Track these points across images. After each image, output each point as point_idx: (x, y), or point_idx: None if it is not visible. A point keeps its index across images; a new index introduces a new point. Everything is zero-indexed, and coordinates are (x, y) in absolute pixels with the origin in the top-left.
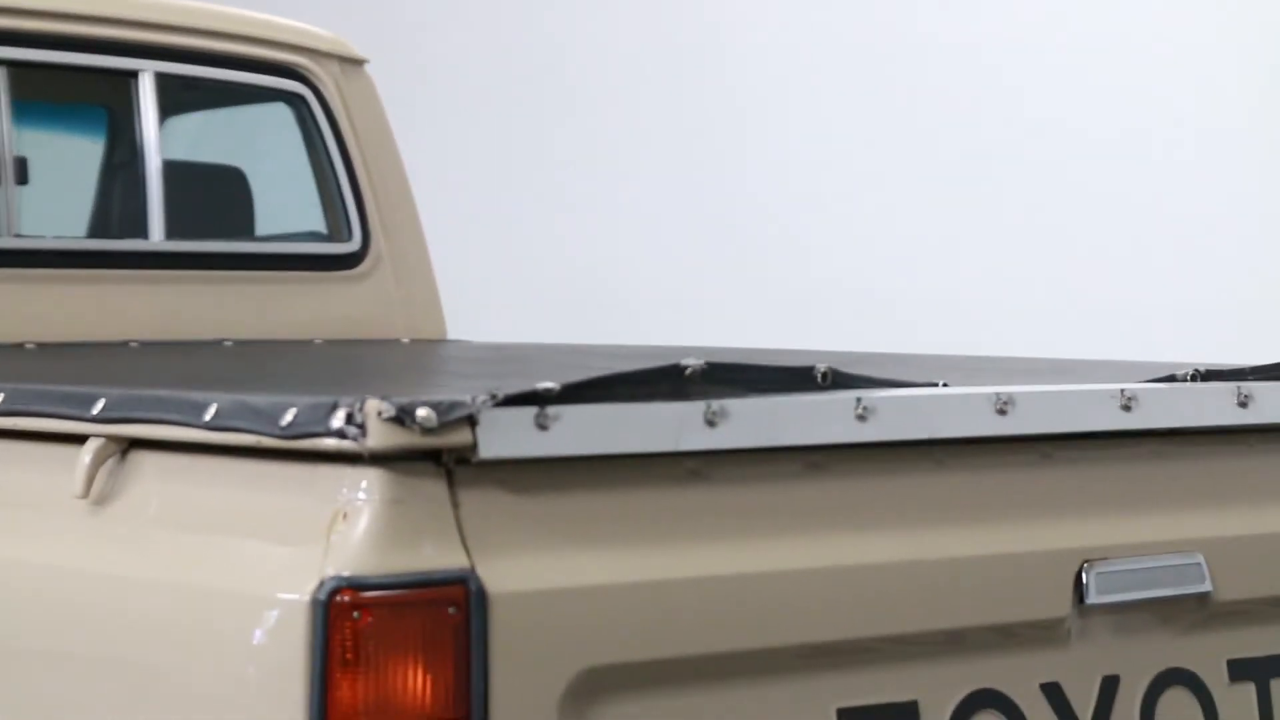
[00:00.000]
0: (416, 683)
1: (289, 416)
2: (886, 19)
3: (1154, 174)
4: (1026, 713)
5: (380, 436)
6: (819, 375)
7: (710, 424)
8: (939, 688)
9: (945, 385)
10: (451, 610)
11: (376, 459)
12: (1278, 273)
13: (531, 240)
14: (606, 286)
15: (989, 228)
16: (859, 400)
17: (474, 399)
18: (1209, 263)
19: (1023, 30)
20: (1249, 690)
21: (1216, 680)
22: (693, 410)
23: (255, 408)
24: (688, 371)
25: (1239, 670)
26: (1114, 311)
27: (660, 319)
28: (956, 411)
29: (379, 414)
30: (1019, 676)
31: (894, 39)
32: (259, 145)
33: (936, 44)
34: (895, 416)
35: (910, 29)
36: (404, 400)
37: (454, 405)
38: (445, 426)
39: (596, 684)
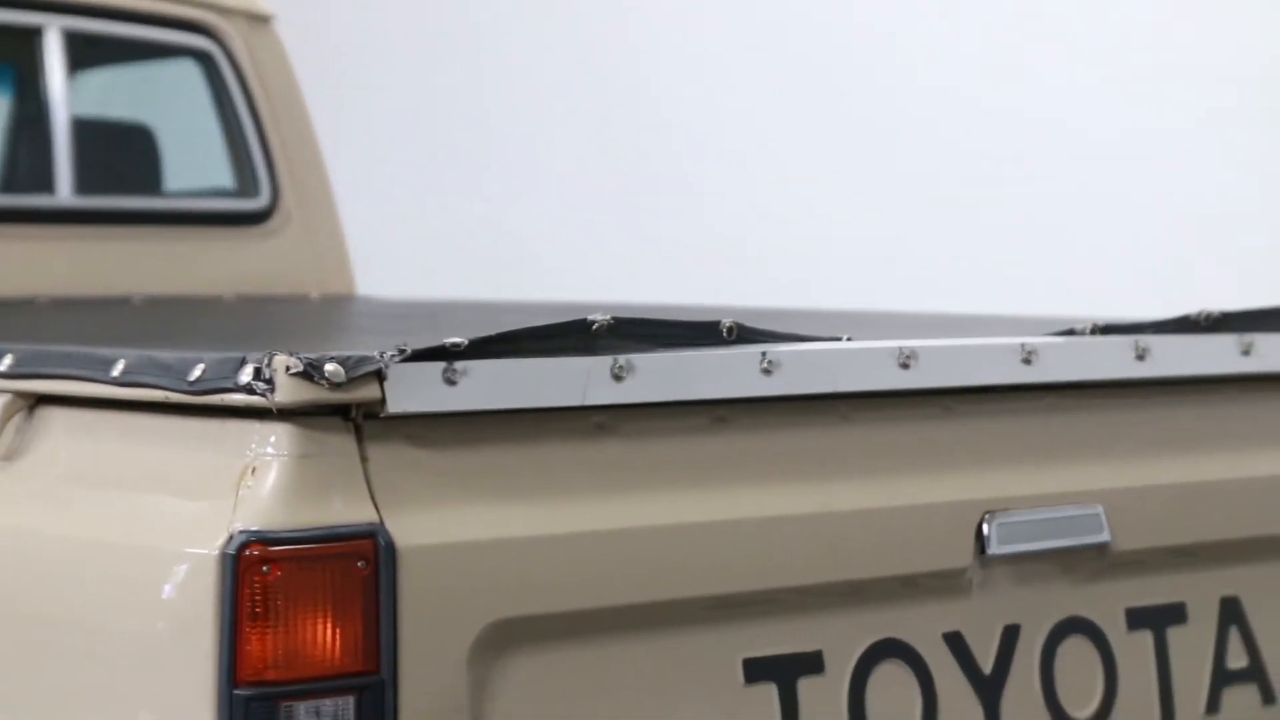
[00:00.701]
0: (325, 636)
1: (197, 372)
2: None
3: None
4: (929, 662)
5: (288, 392)
6: (724, 330)
7: (617, 378)
8: (843, 638)
9: (849, 340)
10: (360, 564)
11: (285, 414)
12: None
13: (441, 197)
14: (516, 244)
15: (893, 185)
16: (764, 355)
17: (382, 354)
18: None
19: None
20: (1146, 638)
21: (1115, 629)
22: (599, 365)
23: (164, 363)
24: (594, 326)
25: (1137, 619)
26: (1015, 267)
27: (569, 276)
28: (860, 365)
29: (287, 369)
30: (922, 626)
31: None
32: (167, 102)
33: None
34: (799, 370)
35: None
36: (312, 356)
37: (362, 360)
38: (353, 382)
39: (505, 636)
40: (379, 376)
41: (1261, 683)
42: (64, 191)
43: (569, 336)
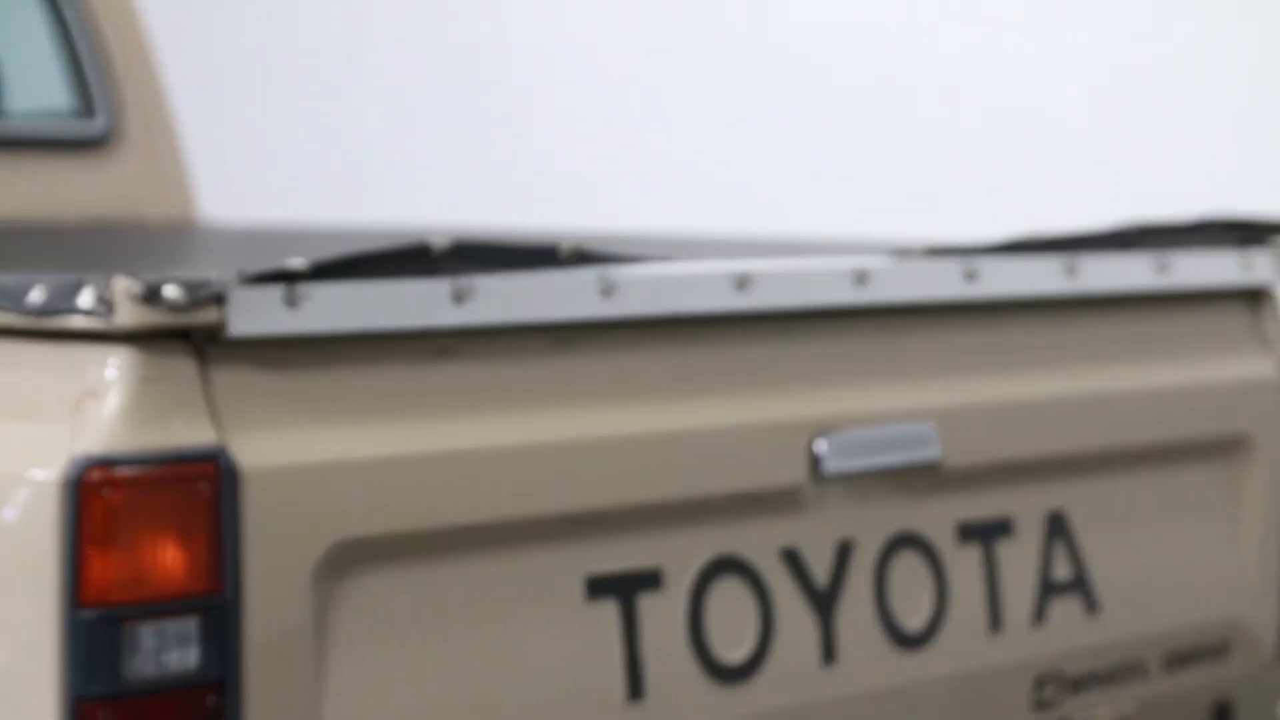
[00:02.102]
0: (169, 559)
1: (36, 295)
2: None
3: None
4: (765, 578)
5: (129, 315)
6: (563, 253)
7: (458, 301)
8: (682, 555)
9: (686, 262)
10: (203, 486)
11: (125, 338)
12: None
13: (289, 120)
14: (364, 168)
15: (726, 111)
16: (602, 277)
17: (223, 277)
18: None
19: None
20: (975, 552)
21: (946, 543)
22: (441, 288)
23: (1, 287)
24: (435, 250)
25: (967, 534)
26: (849, 190)
27: (414, 200)
28: (697, 288)
29: (127, 292)
30: (758, 543)
31: None
32: (1, 22)
33: None
34: (638, 293)
35: None
36: (152, 279)
37: (202, 283)
38: (194, 305)
39: (349, 557)
40: (219, 300)
41: (1085, 594)
42: None
43: (410, 260)
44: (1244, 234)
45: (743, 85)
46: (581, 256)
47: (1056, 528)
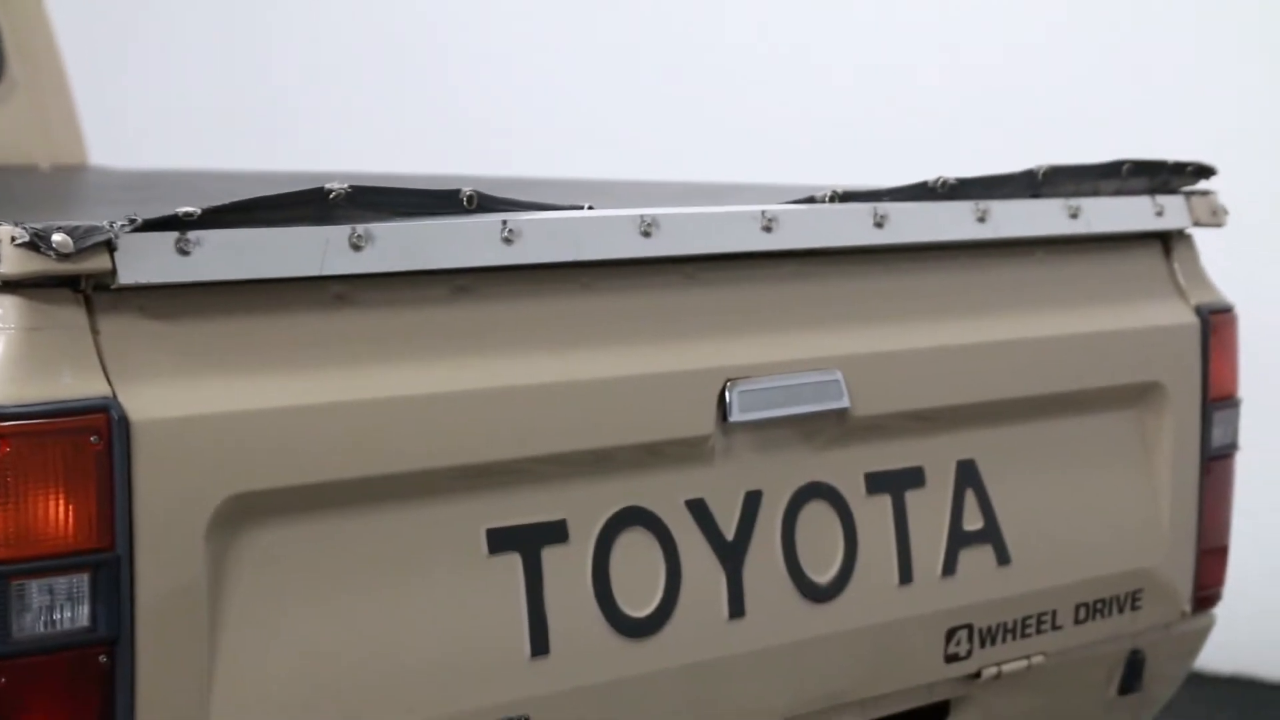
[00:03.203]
0: (59, 513)
1: None
2: None
3: None
4: (672, 528)
5: (14, 263)
6: (464, 199)
7: (355, 248)
8: (587, 506)
9: (590, 208)
10: (93, 439)
11: (11, 286)
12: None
13: (184, 64)
14: (262, 111)
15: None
16: (505, 223)
17: (112, 224)
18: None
19: None
20: (885, 501)
21: (854, 493)
22: (337, 234)
23: None
24: (332, 195)
25: (875, 483)
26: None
27: (315, 145)
28: (602, 233)
29: (13, 240)
30: (665, 494)
31: None
32: None
33: None
34: (541, 239)
35: None
36: (39, 225)
37: (91, 230)
38: (82, 252)
39: (244, 510)
40: (109, 247)
41: (996, 544)
42: None
43: (306, 206)
44: (1156, 179)
45: (661, 36)
46: (483, 203)
47: (967, 478)
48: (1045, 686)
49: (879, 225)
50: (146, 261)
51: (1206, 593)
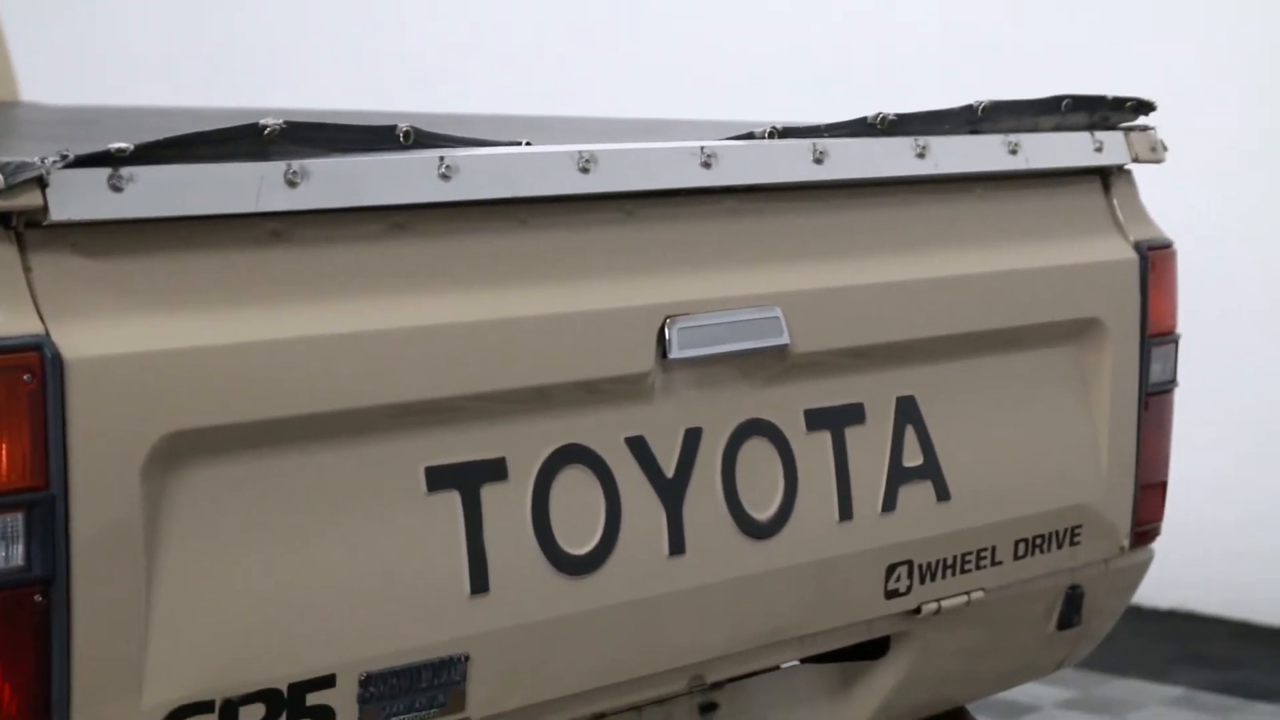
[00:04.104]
0: None
1: None
2: None
3: None
4: (612, 466)
5: None
6: (401, 134)
7: (291, 184)
8: (526, 444)
9: (528, 144)
10: (26, 377)
11: None
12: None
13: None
14: (208, 45)
15: None
16: (442, 159)
17: (43, 160)
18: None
19: None
20: (824, 438)
21: (794, 429)
22: (273, 170)
23: None
24: (267, 131)
25: (815, 419)
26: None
27: (254, 84)
28: (539, 170)
29: None
30: (604, 431)
31: None
32: None
33: None
34: (479, 175)
35: None
36: None
37: (22, 166)
38: (13, 189)
39: (180, 448)
40: (40, 183)
41: (935, 480)
42: None
43: (241, 141)
44: (1095, 114)
45: None
46: (420, 139)
47: (906, 414)
48: (985, 622)
49: (818, 161)
50: (79, 198)
51: (1145, 528)
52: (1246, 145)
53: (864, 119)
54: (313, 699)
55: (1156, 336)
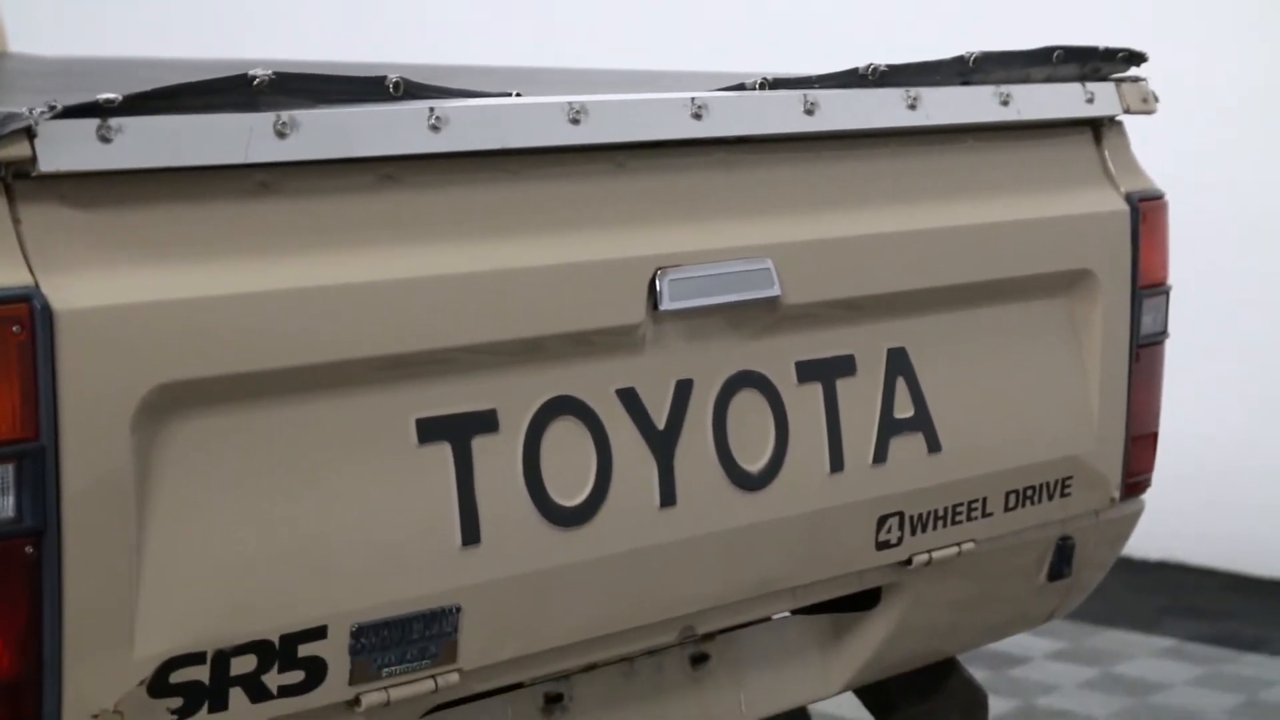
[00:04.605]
0: None
1: None
2: None
3: None
4: (603, 417)
5: None
6: (391, 86)
7: (280, 135)
8: (517, 395)
9: (519, 95)
10: (16, 329)
11: None
12: None
13: None
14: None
15: None
16: (432, 110)
17: (31, 111)
18: None
19: None
20: (815, 390)
21: (785, 381)
22: (262, 121)
23: None
24: (256, 82)
25: (806, 371)
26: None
27: (242, 35)
28: (530, 121)
29: None
30: (595, 382)
31: None
32: None
33: None
34: (469, 127)
35: None
36: None
37: (10, 117)
38: (1, 140)
39: (170, 400)
40: (29, 134)
41: (926, 432)
42: None
43: (230, 92)
44: (1087, 65)
45: None
46: (410, 90)
47: (897, 366)
48: (976, 573)
49: (809, 112)
50: (67, 149)
51: (1136, 479)
52: (1238, 95)
53: (855, 70)
54: (304, 650)
55: (1148, 288)
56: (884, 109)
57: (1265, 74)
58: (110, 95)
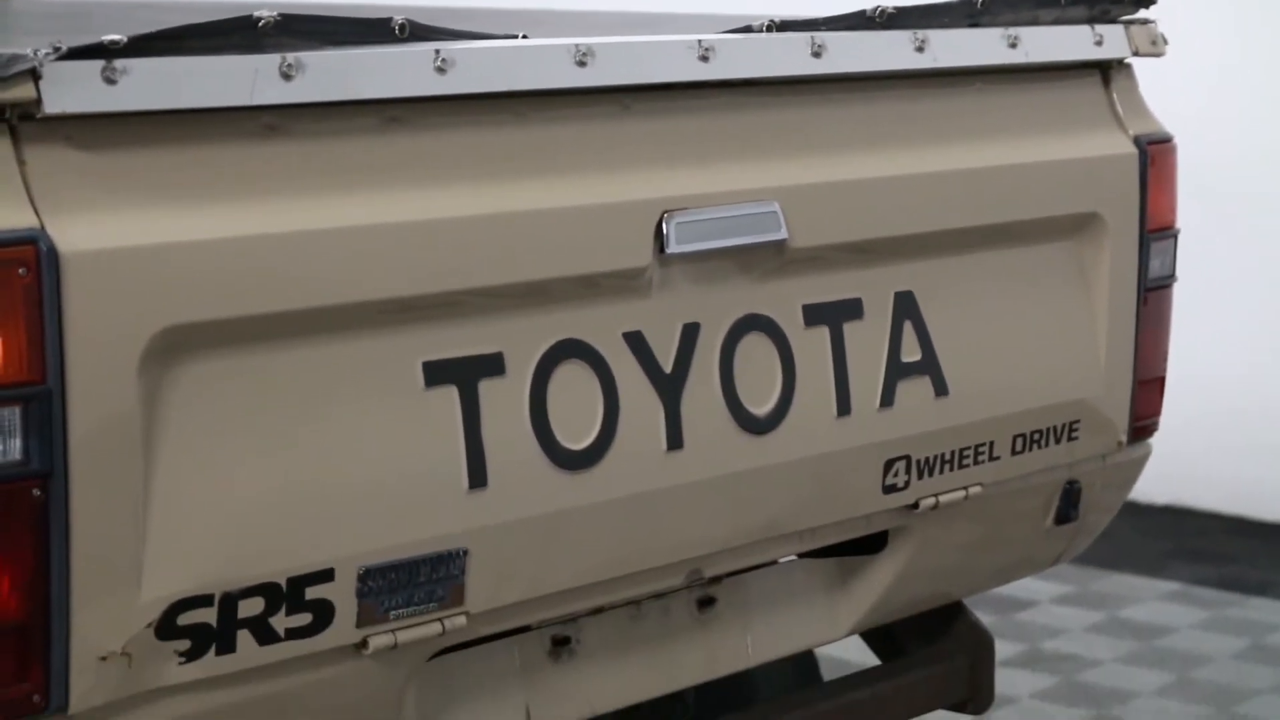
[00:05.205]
0: None
1: None
2: None
3: None
4: (610, 360)
5: None
6: (397, 27)
7: (286, 77)
8: (524, 339)
9: (525, 37)
10: (22, 271)
11: None
12: None
13: None
14: None
15: None
16: (438, 52)
17: (36, 52)
18: None
19: None
20: (822, 333)
21: (792, 324)
22: (267, 63)
23: None
24: (261, 23)
25: (813, 315)
26: None
27: None
28: (536, 63)
29: None
30: (602, 326)
31: None
32: None
33: None
34: (475, 68)
35: None
36: None
37: (14, 59)
38: (6, 82)
39: (177, 342)
40: (34, 75)
41: (934, 375)
42: None
43: (235, 34)
44: (1095, 7)
45: None
46: (416, 31)
47: (905, 309)
48: (982, 517)
49: (816, 55)
50: (72, 91)
51: (1143, 423)
52: (1246, 37)
53: (862, 12)
54: (311, 593)
55: (1156, 231)
56: (892, 51)
57: (1274, 10)
58: (115, 37)
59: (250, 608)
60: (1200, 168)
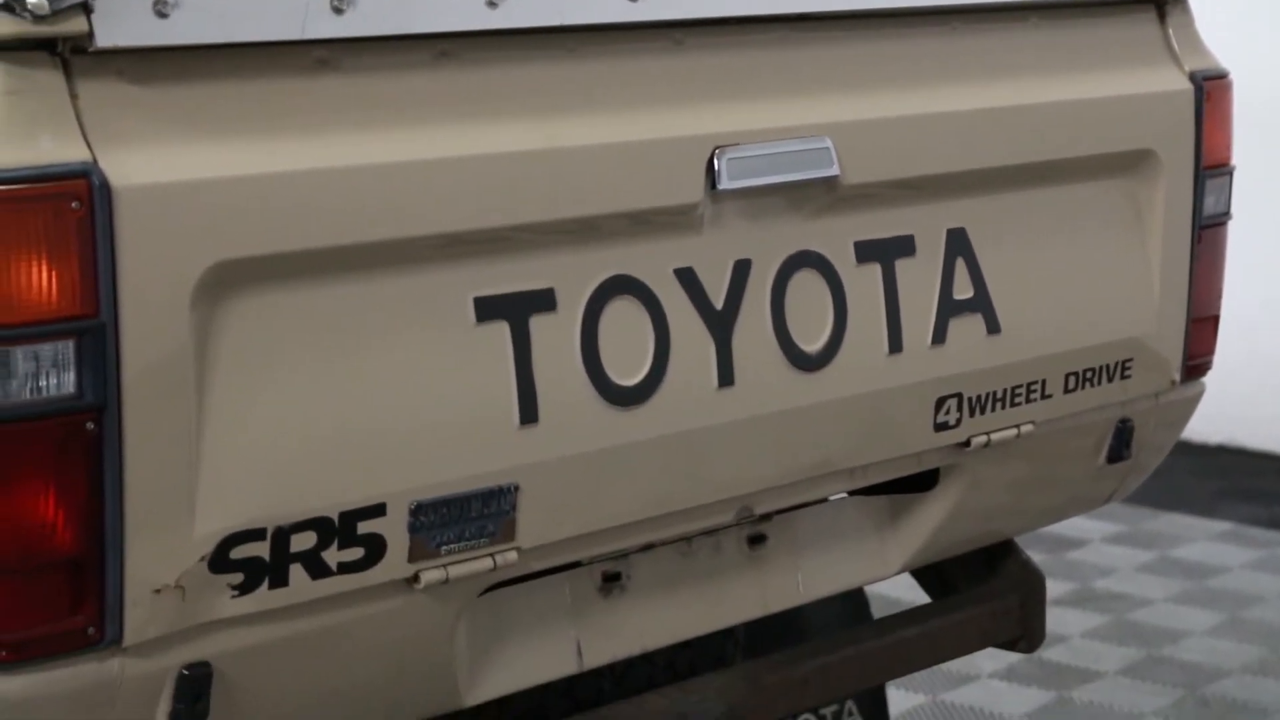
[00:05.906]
0: (40, 279)
1: None
2: None
3: None
4: (660, 297)
5: None
6: None
7: (337, 11)
8: (575, 275)
9: None
10: (75, 205)
11: None
12: None
13: None
14: None
15: None
16: None
17: None
18: None
19: None
20: (875, 270)
21: (844, 261)
22: None
23: None
24: None
25: (865, 251)
26: None
27: None
28: None
29: None
30: (653, 262)
31: None
32: None
33: None
34: (526, 3)
35: None
36: None
37: None
38: (58, 14)
39: (230, 277)
40: (86, 9)
41: (986, 313)
42: None
43: None
44: None
45: None
46: None
47: (957, 246)
48: (1034, 455)
49: None
50: (124, 24)
51: (1196, 362)
52: None
53: None
54: (363, 528)
55: (1211, 169)
56: None
57: None
58: None
59: (302, 542)
60: (1254, 105)
